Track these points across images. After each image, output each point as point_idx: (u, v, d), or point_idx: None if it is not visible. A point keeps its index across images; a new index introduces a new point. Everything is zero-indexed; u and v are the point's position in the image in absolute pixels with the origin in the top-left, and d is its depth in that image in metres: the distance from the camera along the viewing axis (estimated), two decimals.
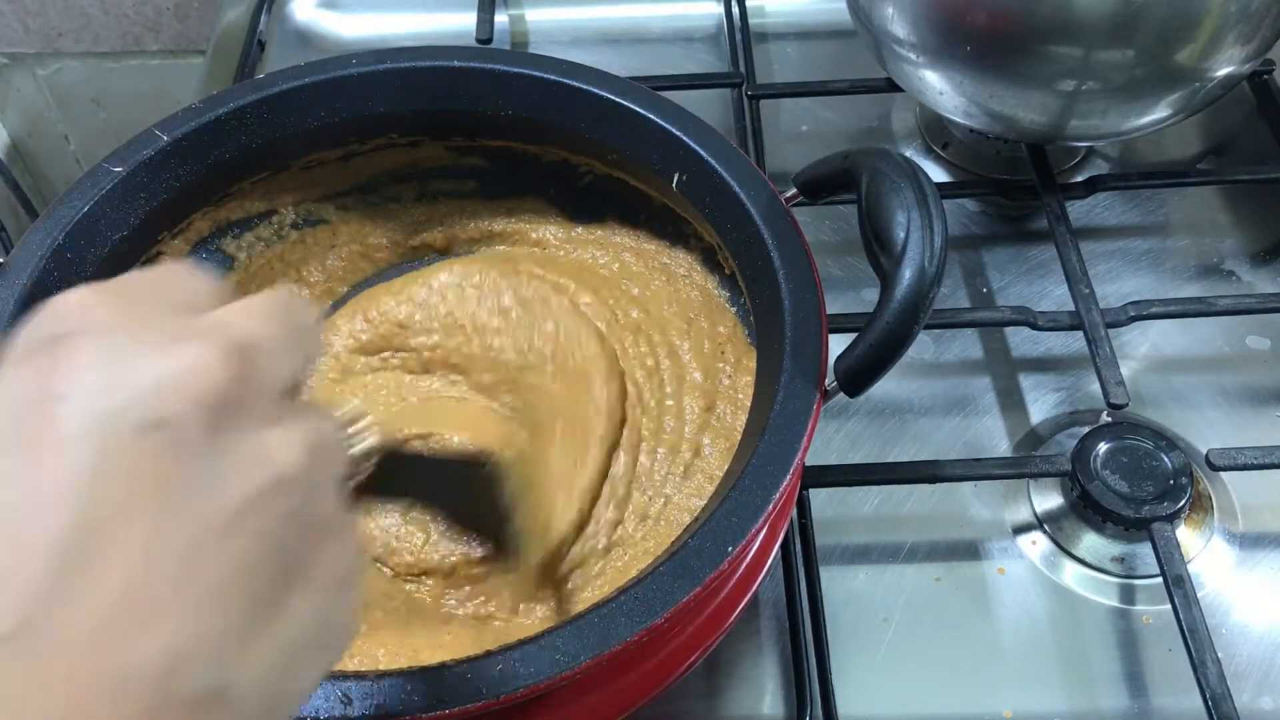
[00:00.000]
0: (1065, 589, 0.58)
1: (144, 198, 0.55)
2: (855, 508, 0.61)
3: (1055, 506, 0.60)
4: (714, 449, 0.55)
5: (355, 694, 0.39)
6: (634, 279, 0.61)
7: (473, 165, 0.64)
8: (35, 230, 0.52)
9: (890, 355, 0.45)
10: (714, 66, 0.85)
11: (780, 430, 0.45)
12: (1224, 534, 0.59)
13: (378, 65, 0.58)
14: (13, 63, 1.13)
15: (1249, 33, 0.61)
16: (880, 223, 0.46)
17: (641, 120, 0.56)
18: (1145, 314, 0.65)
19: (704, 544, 0.42)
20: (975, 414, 0.65)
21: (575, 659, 0.40)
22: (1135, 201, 0.75)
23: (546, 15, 0.90)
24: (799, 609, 0.55)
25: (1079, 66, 0.61)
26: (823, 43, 0.87)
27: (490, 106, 0.59)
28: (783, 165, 0.78)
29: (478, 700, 0.39)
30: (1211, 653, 0.52)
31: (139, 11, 1.08)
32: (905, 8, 0.65)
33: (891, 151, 0.48)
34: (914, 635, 0.56)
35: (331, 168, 0.62)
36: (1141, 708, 0.54)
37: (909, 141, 0.80)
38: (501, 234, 0.63)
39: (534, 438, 0.55)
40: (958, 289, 0.71)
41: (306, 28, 0.91)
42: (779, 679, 0.55)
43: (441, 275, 0.59)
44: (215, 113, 0.56)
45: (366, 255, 0.63)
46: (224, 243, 0.61)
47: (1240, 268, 0.72)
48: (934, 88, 0.67)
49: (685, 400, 0.56)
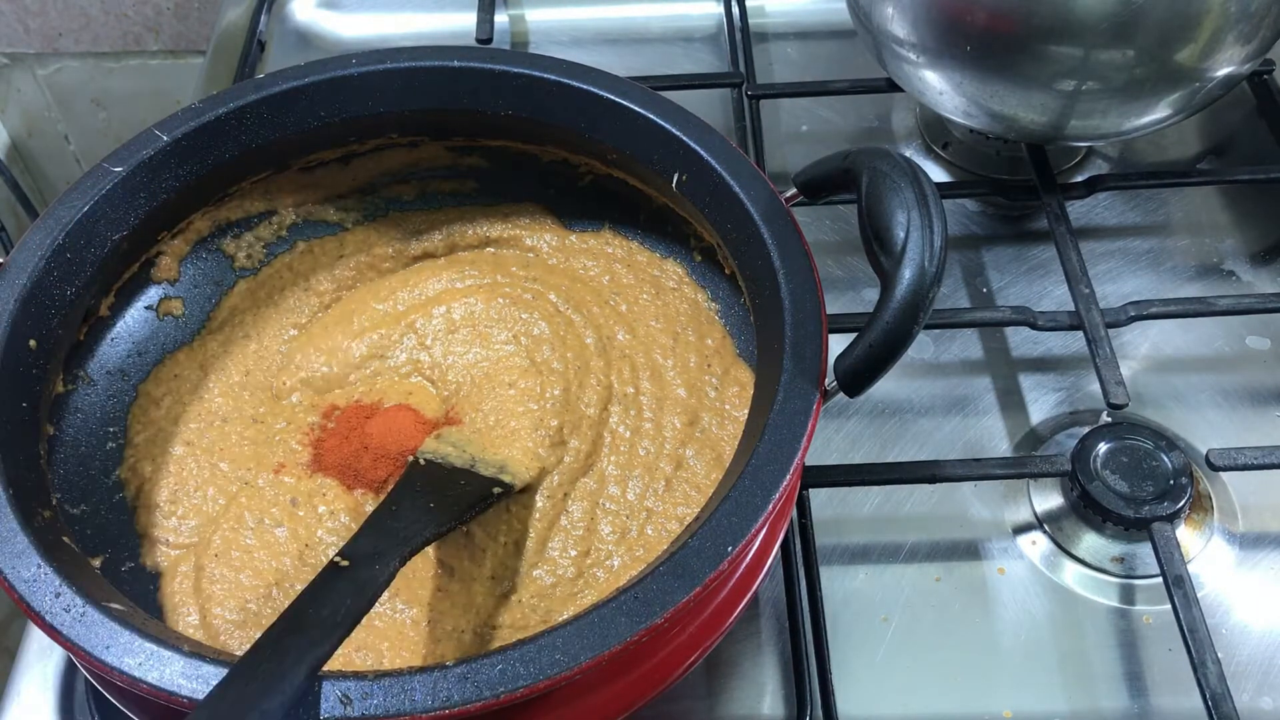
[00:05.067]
0: (1065, 589, 0.58)
1: (144, 198, 0.55)
2: (855, 508, 0.61)
3: (1055, 506, 0.60)
4: (699, 460, 0.55)
5: (355, 694, 0.39)
6: (622, 293, 0.61)
7: (473, 165, 0.64)
8: (35, 230, 0.52)
9: (890, 355, 0.45)
10: (714, 66, 0.85)
11: (780, 430, 0.45)
12: (1224, 534, 0.59)
13: (378, 65, 0.58)
14: (13, 63, 1.13)
15: (1249, 33, 0.61)
16: (880, 223, 0.46)
17: (641, 120, 0.56)
18: (1145, 314, 0.65)
19: (704, 544, 0.42)
20: (975, 414, 0.65)
21: (575, 659, 0.40)
22: (1135, 201, 0.75)
23: (546, 15, 0.90)
24: (799, 609, 0.55)
25: (1079, 66, 0.61)
26: (823, 43, 0.87)
27: (490, 106, 0.59)
28: (783, 165, 0.78)
29: (478, 700, 0.39)
30: (1211, 653, 0.52)
31: (139, 11, 1.08)
32: (905, 8, 0.65)
33: (891, 151, 0.48)
34: (914, 635, 0.56)
35: (331, 168, 0.62)
36: (1141, 708, 0.54)
37: (909, 141, 0.80)
38: (498, 239, 0.64)
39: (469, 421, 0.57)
40: (958, 289, 0.71)
41: (306, 28, 0.91)
42: (779, 679, 0.55)
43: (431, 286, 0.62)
44: (215, 113, 0.56)
45: (373, 265, 0.63)
46: (224, 243, 0.61)
47: (1240, 268, 0.72)
48: (934, 88, 0.67)
49: (665, 419, 0.56)
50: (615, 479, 0.55)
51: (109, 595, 0.43)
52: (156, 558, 0.53)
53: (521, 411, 0.56)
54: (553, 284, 0.61)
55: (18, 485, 0.45)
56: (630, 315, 0.60)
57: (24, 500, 0.45)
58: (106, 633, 0.41)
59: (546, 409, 0.56)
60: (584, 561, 0.52)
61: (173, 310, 0.59)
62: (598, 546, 0.53)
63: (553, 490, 0.54)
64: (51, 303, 0.51)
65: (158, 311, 0.59)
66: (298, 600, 0.41)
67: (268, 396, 0.58)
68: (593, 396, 0.57)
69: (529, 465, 0.54)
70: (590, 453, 0.55)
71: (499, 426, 0.56)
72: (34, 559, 0.43)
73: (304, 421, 0.57)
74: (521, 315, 0.59)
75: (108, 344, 0.57)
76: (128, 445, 0.55)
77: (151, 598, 0.51)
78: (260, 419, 0.57)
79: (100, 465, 0.54)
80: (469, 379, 0.58)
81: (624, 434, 0.56)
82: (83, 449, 0.54)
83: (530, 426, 0.55)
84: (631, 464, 0.55)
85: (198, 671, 0.40)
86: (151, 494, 0.54)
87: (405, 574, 0.52)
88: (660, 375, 0.58)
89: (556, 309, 0.60)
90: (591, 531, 0.53)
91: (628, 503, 0.54)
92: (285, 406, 0.58)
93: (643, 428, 0.56)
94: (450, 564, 0.52)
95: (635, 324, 0.60)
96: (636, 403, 0.57)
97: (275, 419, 0.57)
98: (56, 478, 0.51)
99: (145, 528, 0.53)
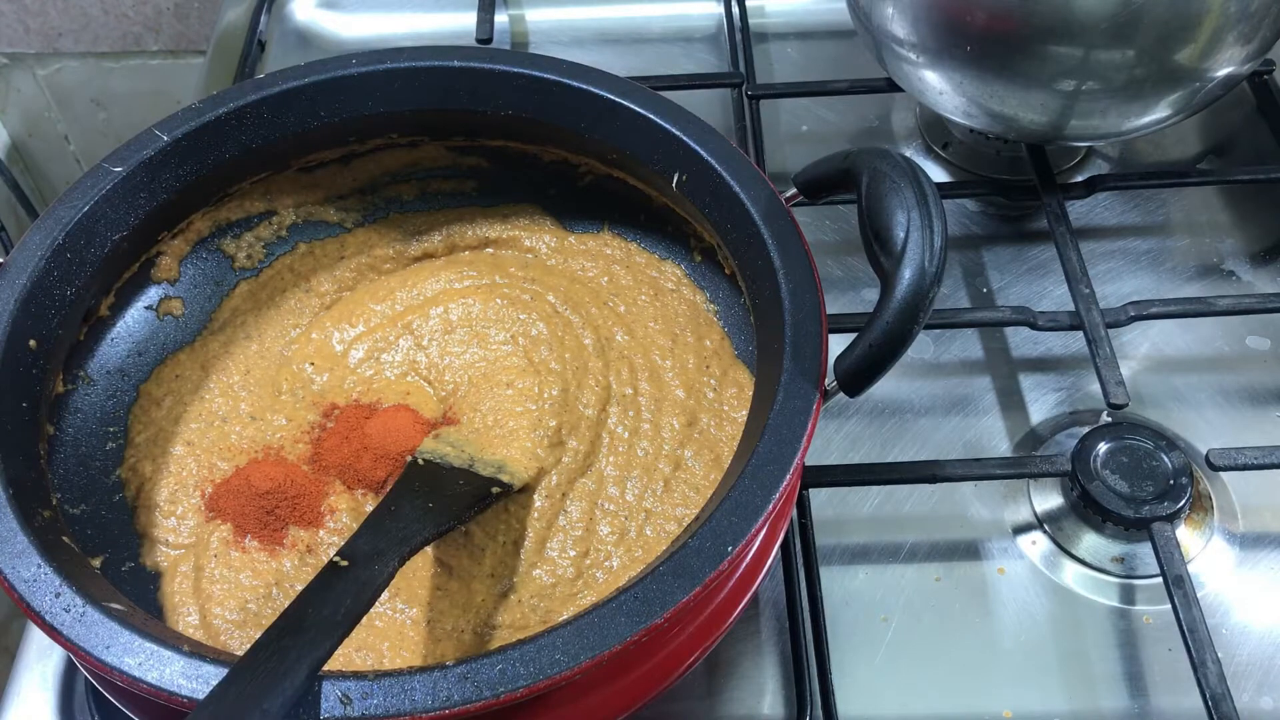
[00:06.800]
0: (1065, 589, 0.58)
1: (144, 198, 0.55)
2: (855, 508, 0.61)
3: (1055, 506, 0.60)
4: (697, 461, 0.55)
5: (355, 694, 0.39)
6: (621, 294, 0.61)
7: (473, 165, 0.64)
8: (35, 230, 0.52)
9: (890, 355, 0.45)
10: (714, 66, 0.85)
11: (780, 430, 0.45)
12: (1224, 534, 0.59)
13: (378, 65, 0.58)
14: (13, 63, 1.13)
15: (1249, 33, 0.61)
16: (880, 223, 0.46)
17: (641, 120, 0.56)
18: (1145, 314, 0.65)
19: (704, 544, 0.42)
20: (975, 414, 0.65)
21: (575, 659, 0.40)
22: (1135, 201, 0.75)
23: (546, 15, 0.90)
24: (799, 609, 0.55)
25: (1079, 66, 0.61)
26: (823, 43, 0.87)
27: (490, 106, 0.59)
28: (783, 165, 0.78)
29: (478, 700, 0.39)
30: (1211, 653, 0.52)
31: (139, 11, 1.08)
32: (905, 8, 0.65)
33: (891, 151, 0.48)
34: (914, 635, 0.56)
35: (331, 168, 0.62)
36: (1141, 708, 0.54)
37: (909, 141, 0.80)
38: (497, 240, 0.64)
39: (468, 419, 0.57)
40: (958, 289, 0.71)
41: (306, 28, 0.91)
42: (779, 679, 0.55)
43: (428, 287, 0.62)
44: (215, 113, 0.56)
45: (373, 266, 0.63)
46: (224, 243, 0.61)
47: (1240, 268, 0.72)
48: (934, 88, 0.67)
49: (663, 420, 0.56)
50: (614, 479, 0.55)
51: (109, 595, 0.43)
52: (156, 558, 0.53)
53: (520, 412, 0.56)
54: (551, 285, 0.61)
55: (18, 485, 0.45)
56: (629, 316, 0.60)
57: (24, 500, 0.45)
58: (106, 633, 0.41)
59: (545, 409, 0.56)
60: (583, 562, 0.52)
61: (172, 310, 0.59)
62: (596, 547, 0.53)
63: (551, 490, 0.54)
64: (51, 303, 0.51)
65: (158, 311, 0.59)
66: (298, 600, 0.41)
67: (268, 396, 0.58)
68: (591, 397, 0.57)
69: (527, 465, 0.54)
70: (589, 453, 0.55)
71: (497, 426, 0.56)
72: (34, 559, 0.43)
73: (304, 420, 0.57)
74: (519, 316, 0.59)
75: (108, 344, 0.57)
76: (128, 445, 0.55)
77: (151, 598, 0.51)
78: (260, 418, 0.57)
79: (100, 465, 0.54)
80: (466, 379, 0.58)
81: (622, 435, 0.56)
82: (83, 449, 0.54)
83: (529, 427, 0.55)
84: (630, 464, 0.55)
85: (198, 671, 0.40)
86: (151, 494, 0.54)
87: (405, 573, 0.52)
88: (659, 376, 0.58)
89: (555, 309, 0.60)
90: (590, 532, 0.53)
91: (626, 503, 0.54)
92: (285, 406, 0.58)
93: (641, 428, 0.56)
94: (450, 563, 0.52)
95: (634, 325, 0.60)
96: (635, 403, 0.57)
97: (275, 418, 0.57)
98: (56, 478, 0.51)
99: (145, 528, 0.53)
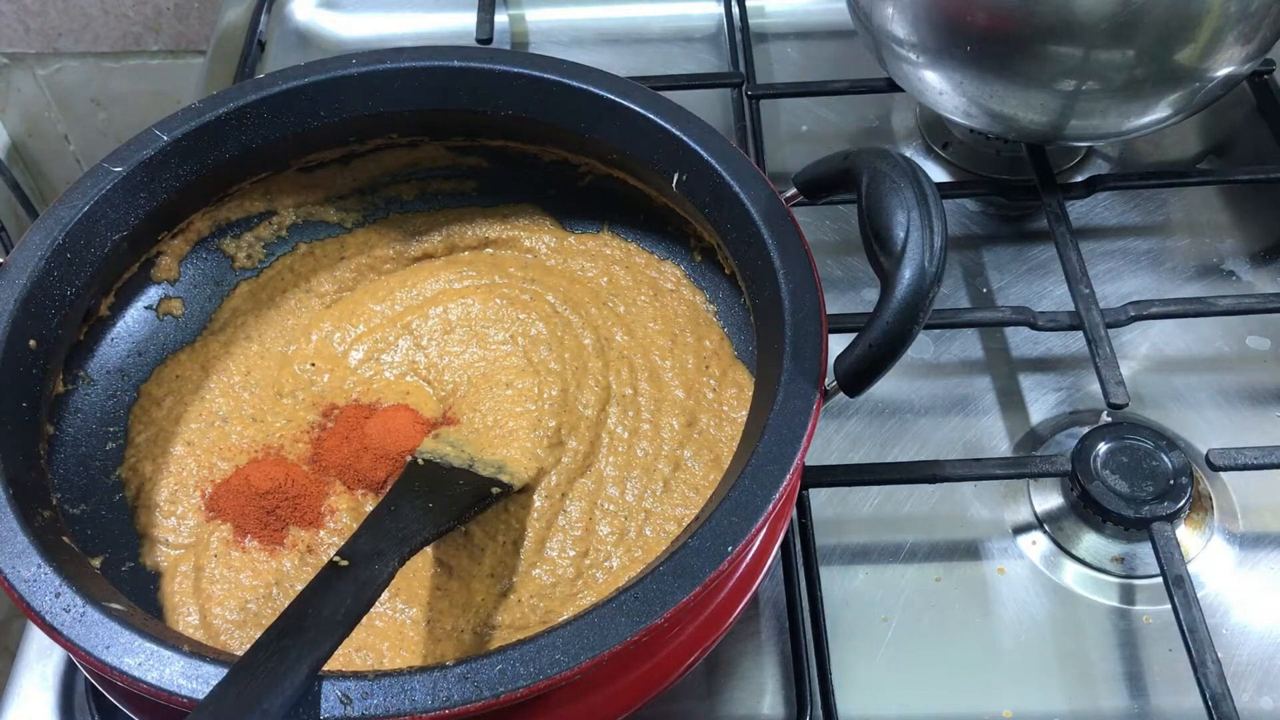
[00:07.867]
0: (1065, 589, 0.58)
1: (144, 198, 0.55)
2: (855, 508, 0.61)
3: (1055, 506, 0.60)
4: (697, 461, 0.55)
5: (355, 694, 0.39)
6: (620, 294, 0.61)
7: (473, 165, 0.64)
8: (35, 230, 0.52)
9: (890, 355, 0.45)
10: (714, 66, 0.85)
11: (780, 430, 0.45)
12: (1224, 534, 0.59)
13: (378, 65, 0.58)
14: (13, 63, 1.13)
15: (1249, 33, 0.61)
16: (880, 223, 0.46)
17: (641, 120, 0.56)
18: (1145, 314, 0.65)
19: (704, 544, 0.42)
20: (975, 414, 0.65)
21: (575, 659, 0.40)
22: (1135, 201, 0.75)
23: (546, 15, 0.90)
24: (799, 609, 0.55)
25: (1079, 66, 0.61)
26: (823, 43, 0.87)
27: (490, 106, 0.59)
28: (783, 165, 0.78)
29: (478, 700, 0.39)
30: (1211, 653, 0.52)
31: (139, 11, 1.08)
32: (905, 8, 0.65)
33: (891, 151, 0.48)
34: (914, 635, 0.56)
35: (331, 168, 0.62)
36: (1141, 708, 0.54)
37: (909, 141, 0.80)
38: (497, 240, 0.64)
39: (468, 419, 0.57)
40: (958, 289, 0.71)
41: (306, 28, 0.91)
42: (779, 679, 0.55)
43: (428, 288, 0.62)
44: (215, 113, 0.56)
45: (374, 266, 0.63)
46: (224, 243, 0.61)
47: (1240, 268, 0.72)
48: (934, 88, 0.67)
49: (663, 420, 0.56)
50: (613, 480, 0.55)
51: (109, 595, 0.43)
52: (156, 558, 0.53)
53: (519, 412, 0.56)
54: (550, 285, 0.61)
55: (18, 485, 0.45)
56: (628, 317, 0.60)
57: (24, 500, 0.45)
58: (106, 633, 0.41)
59: (544, 409, 0.56)
60: (583, 562, 0.52)
61: (172, 310, 0.59)
62: (596, 547, 0.53)
63: (551, 490, 0.54)
64: (51, 303, 0.51)
65: (158, 311, 0.59)
66: (298, 600, 0.41)
67: (268, 396, 0.58)
68: (591, 397, 0.57)
69: (527, 465, 0.54)
70: (588, 453, 0.55)
71: (497, 426, 0.56)
72: (34, 559, 0.43)
73: (304, 420, 0.57)
74: (519, 316, 0.59)
75: (108, 344, 0.57)
76: (128, 445, 0.55)
77: (151, 598, 0.51)
78: (260, 418, 0.57)
79: (100, 465, 0.54)
80: (466, 379, 0.58)
81: (622, 435, 0.56)
82: (83, 449, 0.54)
83: (528, 427, 0.55)
84: (629, 465, 0.55)
85: (198, 671, 0.40)
86: (151, 494, 0.54)
87: (405, 573, 0.52)
88: (658, 376, 0.58)
89: (554, 310, 0.60)
90: (590, 532, 0.53)
91: (626, 503, 0.54)
92: (285, 406, 0.58)
93: (641, 429, 0.56)
94: (449, 563, 0.52)
95: (633, 325, 0.60)
96: (634, 404, 0.57)
97: (275, 418, 0.57)
98: (56, 478, 0.51)
99: (145, 528, 0.53)
